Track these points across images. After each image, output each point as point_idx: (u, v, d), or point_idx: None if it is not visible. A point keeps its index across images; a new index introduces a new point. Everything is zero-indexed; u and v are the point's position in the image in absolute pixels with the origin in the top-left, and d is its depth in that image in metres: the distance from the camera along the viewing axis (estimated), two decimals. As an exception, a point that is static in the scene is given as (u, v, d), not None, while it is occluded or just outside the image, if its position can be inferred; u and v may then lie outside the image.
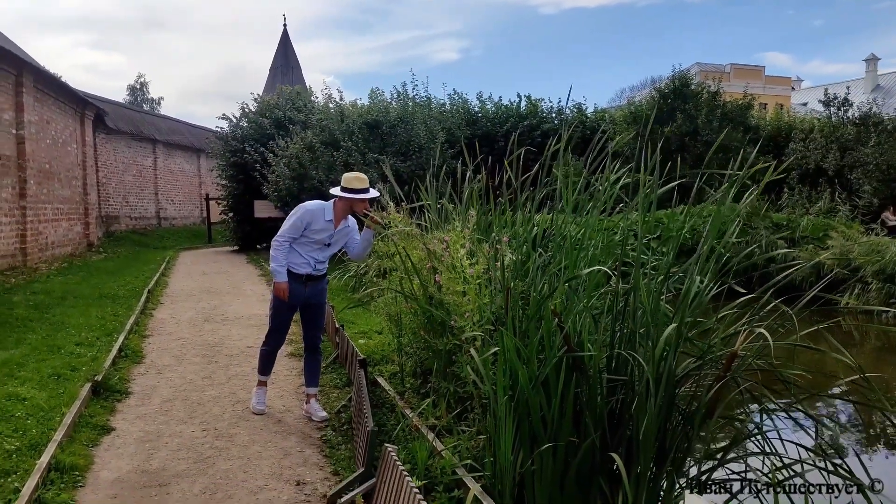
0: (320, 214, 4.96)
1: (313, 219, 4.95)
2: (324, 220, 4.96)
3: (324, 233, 4.98)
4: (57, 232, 17.08)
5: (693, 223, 17.13)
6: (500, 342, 3.71)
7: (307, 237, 4.97)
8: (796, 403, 3.51)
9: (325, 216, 4.97)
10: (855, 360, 3.41)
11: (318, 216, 4.96)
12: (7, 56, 13.82)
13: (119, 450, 4.52)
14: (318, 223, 4.95)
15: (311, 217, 4.95)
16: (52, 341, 7.23)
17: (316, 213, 4.96)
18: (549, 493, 3.58)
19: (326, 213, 4.98)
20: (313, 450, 4.54)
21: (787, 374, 3.51)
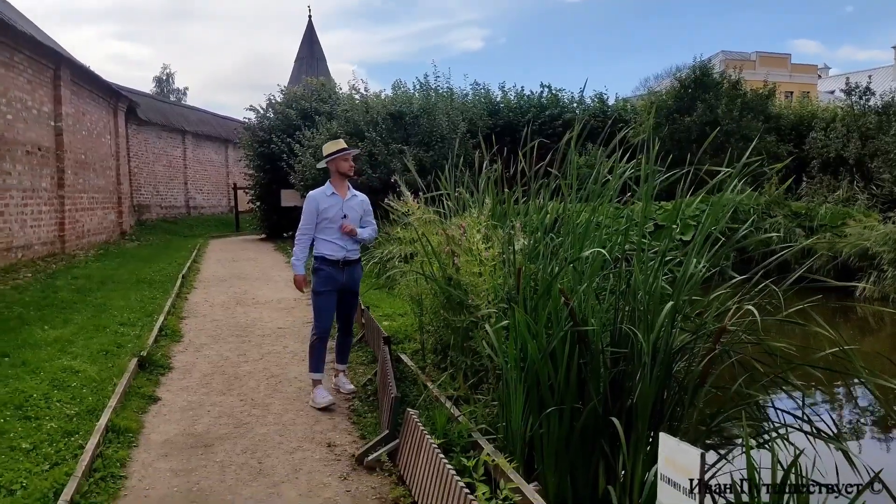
0: (322, 193, 5.34)
1: (319, 199, 5.30)
2: (327, 196, 5.31)
3: (334, 207, 5.29)
4: (92, 220, 17.72)
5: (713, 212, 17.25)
6: (512, 318, 4.08)
7: (324, 219, 5.27)
8: (782, 374, 3.83)
9: (327, 192, 5.34)
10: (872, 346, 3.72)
11: (321, 195, 5.33)
12: (46, 51, 14.39)
13: (166, 416, 4.98)
14: (325, 201, 5.29)
15: (317, 199, 5.32)
16: (98, 321, 7.74)
17: (317, 194, 5.36)
18: (556, 453, 3.96)
19: (327, 189, 5.35)
20: (342, 418, 4.96)
21: (773, 346, 3.83)
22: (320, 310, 5.38)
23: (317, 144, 17.11)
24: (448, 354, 5.29)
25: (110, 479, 3.81)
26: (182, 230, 24.17)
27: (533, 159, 5.26)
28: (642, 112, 21.62)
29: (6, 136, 12.51)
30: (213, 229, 25.61)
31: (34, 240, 13.72)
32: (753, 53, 56.39)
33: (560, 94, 24.14)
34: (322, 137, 17.16)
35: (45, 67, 14.60)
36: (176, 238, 21.79)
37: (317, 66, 36.08)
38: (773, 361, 3.92)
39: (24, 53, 13.38)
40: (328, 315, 5.41)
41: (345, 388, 5.52)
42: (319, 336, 5.37)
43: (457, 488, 3.03)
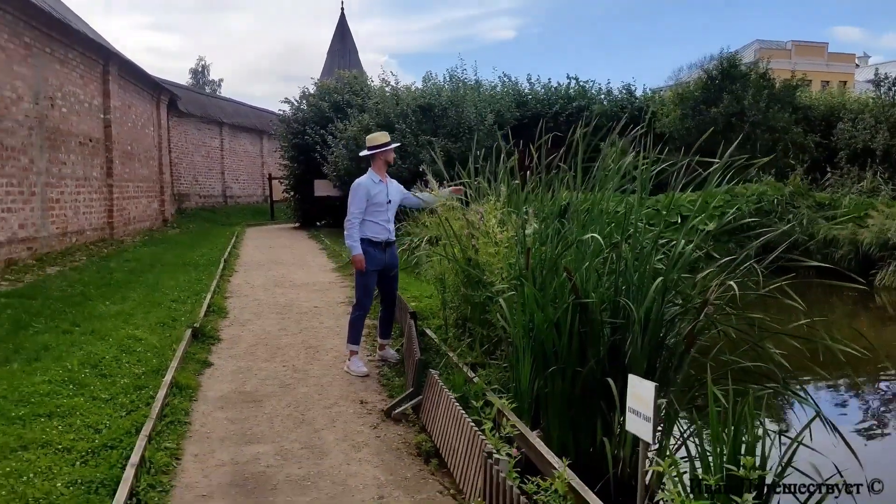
0: (369, 181, 5.85)
1: (368, 186, 5.81)
2: (374, 183, 5.84)
3: (381, 193, 5.84)
4: (137, 208, 18.66)
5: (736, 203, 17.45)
6: (522, 292, 4.66)
7: (372, 204, 5.78)
8: (760, 342, 4.34)
9: (374, 179, 5.86)
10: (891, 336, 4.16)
11: (370, 182, 5.84)
12: (96, 47, 15.27)
13: (219, 377, 5.66)
14: (374, 188, 5.82)
15: (366, 187, 5.81)
16: (152, 298, 8.49)
17: (366, 182, 5.85)
18: (559, 410, 4.53)
19: (374, 177, 5.88)
20: (373, 381, 5.60)
21: (752, 317, 4.35)
22: (364, 287, 5.92)
23: (349, 136, 17.78)
24: (467, 327, 5.89)
25: (177, 424, 4.49)
26: (219, 218, 25.10)
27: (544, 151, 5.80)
28: (669, 103, 21.87)
29: (61, 128, 13.39)
30: (249, 218, 26.50)
31: (86, 226, 14.63)
32: (789, 42, 55.67)
33: (587, 86, 24.44)
34: (354, 129, 17.81)
35: (95, 63, 15.48)
36: (214, 226, 22.69)
37: (349, 58, 36.77)
38: (753, 332, 4.44)
39: (77, 50, 14.25)
40: (370, 294, 6.00)
41: (392, 359, 6.13)
42: (360, 313, 5.93)
43: (468, 426, 3.63)
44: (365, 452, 4.16)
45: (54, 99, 13.08)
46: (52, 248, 12.62)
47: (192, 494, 3.58)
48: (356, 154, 17.37)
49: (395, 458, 4.10)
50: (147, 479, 3.59)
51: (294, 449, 4.20)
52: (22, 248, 11.47)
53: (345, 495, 3.59)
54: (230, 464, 3.97)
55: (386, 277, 6.05)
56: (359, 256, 5.76)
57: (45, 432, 4.10)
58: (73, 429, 4.19)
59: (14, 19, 11.29)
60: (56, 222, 12.99)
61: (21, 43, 11.64)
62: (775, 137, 19.43)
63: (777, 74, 26.86)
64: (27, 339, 6.19)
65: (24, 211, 11.63)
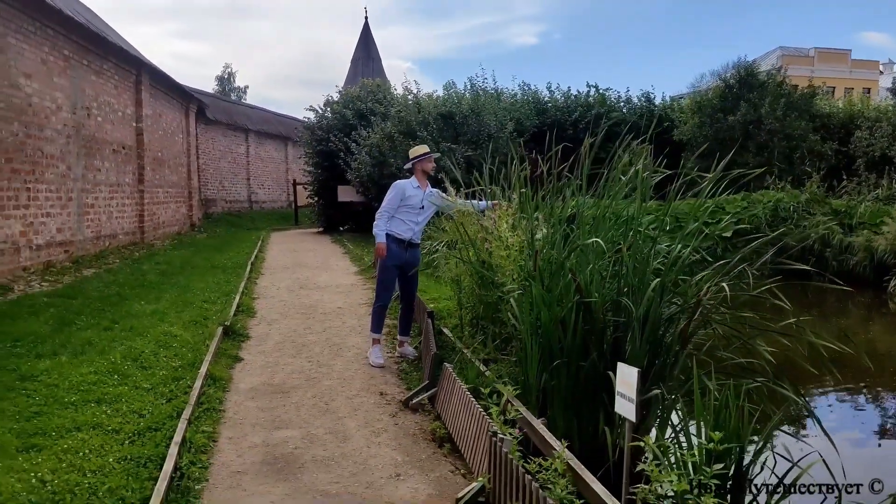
0: (409, 184, 6.41)
1: (405, 188, 6.34)
2: (412, 188, 6.38)
3: (416, 197, 6.34)
4: (167, 213, 19.27)
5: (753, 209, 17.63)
6: (530, 292, 5.02)
7: (405, 206, 6.29)
8: (749, 340, 4.65)
9: (413, 184, 6.41)
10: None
11: (408, 185, 6.39)
12: (130, 58, 15.89)
13: (249, 371, 6.08)
14: (409, 191, 6.34)
15: (403, 188, 6.34)
16: (184, 298, 8.96)
17: (405, 184, 6.41)
18: (564, 402, 4.88)
19: (413, 182, 6.44)
20: (392, 375, 5.98)
21: (743, 315, 4.67)
22: (384, 281, 6.42)
23: (372, 143, 18.24)
24: (481, 325, 6.26)
25: (213, 411, 4.90)
26: (245, 223, 25.70)
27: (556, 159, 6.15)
28: (687, 111, 22.08)
29: (97, 136, 13.99)
30: (274, 223, 27.08)
31: (118, 230, 15.22)
32: (812, 49, 55.39)
33: (607, 94, 24.72)
34: (377, 136, 18.27)
35: (128, 73, 16.10)
36: (240, 230, 23.28)
37: (372, 66, 37.36)
38: (745, 330, 4.76)
39: (112, 62, 14.87)
40: (390, 288, 6.48)
41: (410, 355, 6.54)
42: (381, 305, 6.45)
43: (477, 412, 4.00)
44: (384, 437, 4.54)
45: (90, 108, 13.68)
46: (87, 252, 13.19)
47: (228, 471, 3.99)
48: (379, 161, 17.86)
49: (411, 442, 4.47)
50: (188, 457, 4.00)
51: (319, 434, 4.59)
52: (59, 250, 12.03)
53: (365, 473, 3.97)
54: (261, 446, 4.37)
55: (405, 275, 6.46)
56: (381, 244, 6.25)
57: (95, 416, 4.53)
58: (119, 413, 4.62)
59: (55, 34, 11.89)
60: (91, 226, 13.57)
61: (61, 56, 12.23)
62: (792, 145, 19.56)
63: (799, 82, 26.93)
64: (72, 335, 6.66)
65: (61, 216, 12.20)
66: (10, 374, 5.27)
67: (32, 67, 11.14)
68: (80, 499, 3.38)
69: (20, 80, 10.74)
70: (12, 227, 10.39)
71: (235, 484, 3.81)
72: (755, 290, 4.75)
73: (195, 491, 3.67)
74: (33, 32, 11.12)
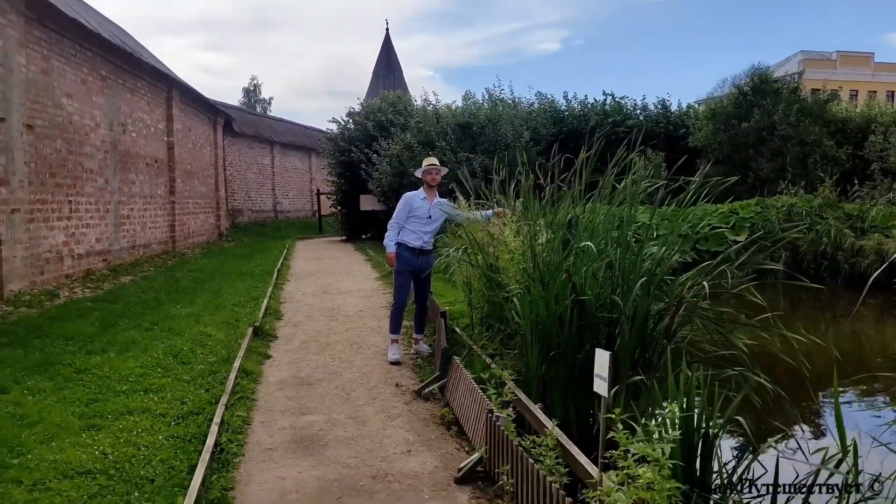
0: (416, 196, 6.93)
1: (412, 200, 6.86)
2: (419, 199, 6.89)
3: (422, 208, 6.85)
4: (196, 223, 20.05)
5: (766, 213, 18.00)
6: (530, 291, 5.54)
7: (413, 216, 6.82)
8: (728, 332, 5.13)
9: (420, 196, 6.93)
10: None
11: (415, 197, 6.92)
12: (161, 76, 16.69)
13: (277, 366, 6.66)
14: (416, 202, 6.87)
15: (410, 200, 6.87)
16: (216, 302, 9.60)
17: (413, 196, 6.95)
18: (561, 390, 5.38)
19: (420, 194, 6.96)
20: (407, 369, 6.53)
21: (721, 311, 5.14)
22: (398, 287, 6.98)
23: (392, 154, 18.86)
24: (489, 324, 6.78)
25: (246, 400, 5.48)
26: (271, 232, 26.47)
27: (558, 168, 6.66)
28: (702, 118, 22.41)
29: (131, 150, 14.77)
30: (298, 231, 27.82)
31: (152, 239, 15.98)
32: (834, 53, 55.20)
33: (623, 102, 25.12)
34: (397, 147, 18.89)
35: (160, 90, 16.91)
36: (266, 239, 24.02)
37: (393, 77, 38.13)
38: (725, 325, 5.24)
39: (145, 80, 15.67)
40: (404, 291, 7.00)
41: (424, 352, 7.09)
42: (397, 307, 6.98)
43: (479, 396, 4.52)
44: (398, 421, 5.08)
45: (126, 125, 14.46)
46: (123, 260, 13.93)
47: (261, 448, 4.55)
48: (399, 171, 18.48)
49: (422, 425, 5.01)
50: (226, 436, 4.58)
51: (341, 419, 5.14)
52: (98, 259, 12.78)
53: (380, 450, 4.51)
54: (290, 428, 4.94)
55: (418, 279, 7.02)
56: (391, 254, 6.84)
57: (143, 402, 5.13)
58: (165, 400, 5.22)
59: (93, 55, 12.67)
60: (126, 236, 14.32)
61: (98, 76, 13.01)
62: (806, 151, 19.81)
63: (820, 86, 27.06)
64: (117, 335, 7.30)
65: (99, 226, 12.95)
66: (67, 368, 5.90)
67: (73, 87, 11.91)
68: (136, 467, 3.97)
69: (62, 99, 11.50)
70: (56, 237, 11.13)
71: (268, 458, 4.38)
72: (734, 288, 5.22)
73: (234, 463, 4.24)
74: (73, 55, 11.90)
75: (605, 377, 3.64)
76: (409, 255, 6.85)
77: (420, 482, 4.01)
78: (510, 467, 3.63)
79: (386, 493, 3.85)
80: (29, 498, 3.51)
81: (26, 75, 10.13)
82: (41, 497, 3.52)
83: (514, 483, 3.60)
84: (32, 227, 10.27)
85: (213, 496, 3.67)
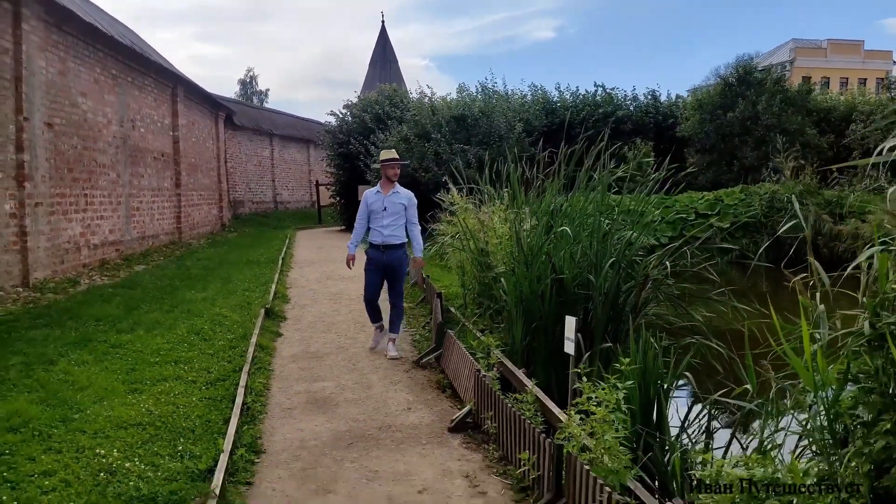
0: (372, 192, 6.88)
1: (367, 197, 6.86)
2: (374, 194, 6.84)
3: (377, 202, 6.76)
4: (200, 214, 20.71)
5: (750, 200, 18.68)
6: (515, 272, 6.24)
7: (371, 211, 6.78)
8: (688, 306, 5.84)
9: (374, 191, 6.87)
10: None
11: (371, 193, 6.88)
12: (167, 74, 17.31)
13: (289, 343, 7.37)
14: (372, 197, 6.82)
15: (367, 197, 6.87)
16: (227, 288, 10.30)
17: (369, 192, 6.93)
18: (543, 359, 6.10)
19: (374, 189, 6.89)
20: (407, 343, 7.25)
21: (682, 287, 5.86)
22: (366, 283, 7.03)
23: (389, 146, 19.52)
24: (480, 302, 7.50)
25: (264, 370, 6.20)
26: (271, 222, 27.11)
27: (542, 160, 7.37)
28: (689, 109, 23.09)
29: (140, 145, 15.42)
30: (298, 222, 28.46)
31: (160, 230, 16.66)
32: (824, 41, 55.76)
33: (613, 93, 25.74)
34: (394, 139, 19.55)
35: (165, 87, 17.53)
36: (267, 229, 24.67)
37: (389, 68, 38.74)
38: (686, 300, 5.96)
39: (152, 77, 16.30)
40: (370, 288, 6.98)
41: (390, 354, 6.69)
42: (366, 300, 7.08)
43: (469, 360, 5.24)
44: (399, 386, 5.81)
45: (134, 121, 15.10)
46: (134, 250, 14.61)
47: (281, 407, 5.27)
48: (396, 162, 19.14)
49: (420, 388, 5.74)
50: (251, 397, 5.29)
51: (349, 384, 5.86)
52: (111, 249, 13.46)
53: (384, 408, 5.23)
54: (304, 392, 5.65)
55: (387, 277, 6.94)
56: (349, 256, 7.08)
57: (175, 371, 5.85)
58: (193, 370, 5.93)
59: (104, 56, 13.30)
60: (136, 227, 15.00)
61: (109, 75, 13.64)
62: (789, 139, 20.49)
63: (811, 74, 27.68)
64: (141, 316, 8.00)
65: (112, 218, 13.62)
66: (103, 344, 6.61)
67: (87, 87, 12.55)
68: (178, 421, 4.68)
69: (78, 98, 12.15)
70: (74, 228, 11.81)
71: (287, 415, 5.10)
72: (695, 267, 5.95)
73: (259, 418, 4.96)
74: (87, 56, 12.53)
75: (571, 339, 4.36)
76: (374, 252, 6.83)
77: (419, 431, 4.73)
78: (493, 413, 4.36)
79: (390, 440, 4.58)
80: (94, 443, 4.22)
81: (46, 77, 10.78)
82: (103, 442, 4.23)
83: (497, 426, 4.33)
84: (53, 219, 10.94)
85: (245, 440, 4.39)
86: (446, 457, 4.29)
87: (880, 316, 2.53)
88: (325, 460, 4.24)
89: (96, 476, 3.75)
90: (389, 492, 3.80)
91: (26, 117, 10.02)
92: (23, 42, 9.98)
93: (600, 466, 3.27)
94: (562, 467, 3.34)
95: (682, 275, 6.16)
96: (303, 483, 3.92)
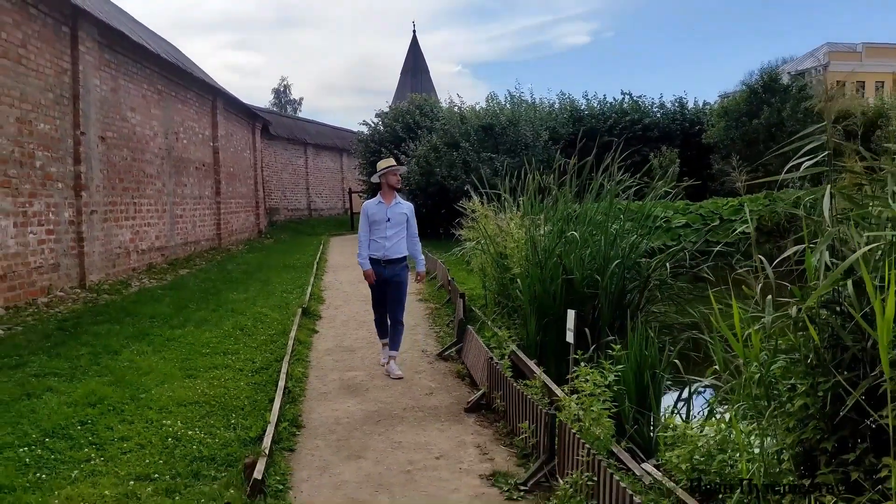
0: (373, 202, 6.50)
1: (368, 207, 6.48)
2: (375, 204, 6.47)
3: (380, 213, 6.41)
4: (238, 221, 21.63)
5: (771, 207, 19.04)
6: (529, 273, 6.84)
7: (373, 222, 6.41)
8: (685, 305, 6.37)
9: (375, 202, 6.49)
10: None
11: (372, 204, 6.50)
12: (207, 88, 18.26)
13: (324, 338, 8.06)
14: (373, 208, 6.45)
15: (367, 208, 6.48)
16: (267, 290, 11.06)
17: (369, 203, 6.55)
18: (555, 353, 6.68)
19: (376, 200, 6.51)
20: (432, 339, 7.89)
21: (677, 283, 6.40)
22: (372, 300, 6.83)
23: (419, 154, 20.23)
24: (499, 302, 8.11)
25: (301, 361, 6.88)
26: (306, 229, 28.02)
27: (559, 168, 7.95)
28: (715, 116, 23.40)
29: (183, 156, 16.34)
30: (332, 228, 29.32)
31: (201, 236, 17.57)
32: (860, 44, 55.19)
33: (640, 100, 26.14)
34: (424, 148, 20.26)
35: (206, 100, 18.48)
36: (301, 236, 25.56)
37: (420, 78, 39.49)
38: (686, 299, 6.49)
39: (194, 91, 17.25)
40: (375, 301, 6.76)
41: (393, 374, 6.34)
42: (375, 318, 6.88)
43: (484, 350, 5.85)
44: (423, 374, 6.44)
45: (178, 133, 16.03)
46: (178, 256, 15.51)
47: (318, 392, 5.94)
48: (426, 170, 19.84)
49: (442, 376, 6.36)
50: (291, 383, 5.96)
51: (378, 374, 6.51)
52: (157, 254, 14.35)
53: (409, 392, 5.87)
54: (338, 380, 6.31)
55: (388, 292, 6.56)
56: (367, 272, 6.50)
57: (224, 361, 6.56)
58: (240, 360, 6.64)
59: (151, 72, 14.22)
60: (180, 234, 15.90)
61: (155, 90, 14.57)
62: (813, 145, 20.73)
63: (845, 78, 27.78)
64: (190, 314, 8.76)
65: (158, 225, 14.52)
66: (158, 338, 7.37)
67: (136, 102, 13.47)
68: (230, 400, 5.37)
69: (127, 113, 13.06)
70: (124, 234, 12.69)
71: (323, 398, 5.76)
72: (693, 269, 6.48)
73: (299, 400, 5.63)
74: (136, 73, 13.46)
75: (571, 328, 4.94)
76: (375, 266, 6.48)
77: (438, 412, 5.36)
78: (502, 393, 4.96)
79: (413, 418, 5.21)
80: (160, 416, 4.92)
81: (100, 94, 11.68)
82: (168, 416, 4.93)
83: (505, 405, 4.93)
84: (106, 226, 11.82)
85: (288, 417, 5.06)
86: (461, 431, 4.91)
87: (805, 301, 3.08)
88: (357, 434, 4.89)
89: (165, 441, 4.44)
90: (411, 458, 4.42)
91: (83, 132, 10.90)
92: (79, 62, 10.87)
93: (588, 433, 3.86)
94: (555, 433, 3.92)
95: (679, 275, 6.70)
96: (337, 451, 4.56)
